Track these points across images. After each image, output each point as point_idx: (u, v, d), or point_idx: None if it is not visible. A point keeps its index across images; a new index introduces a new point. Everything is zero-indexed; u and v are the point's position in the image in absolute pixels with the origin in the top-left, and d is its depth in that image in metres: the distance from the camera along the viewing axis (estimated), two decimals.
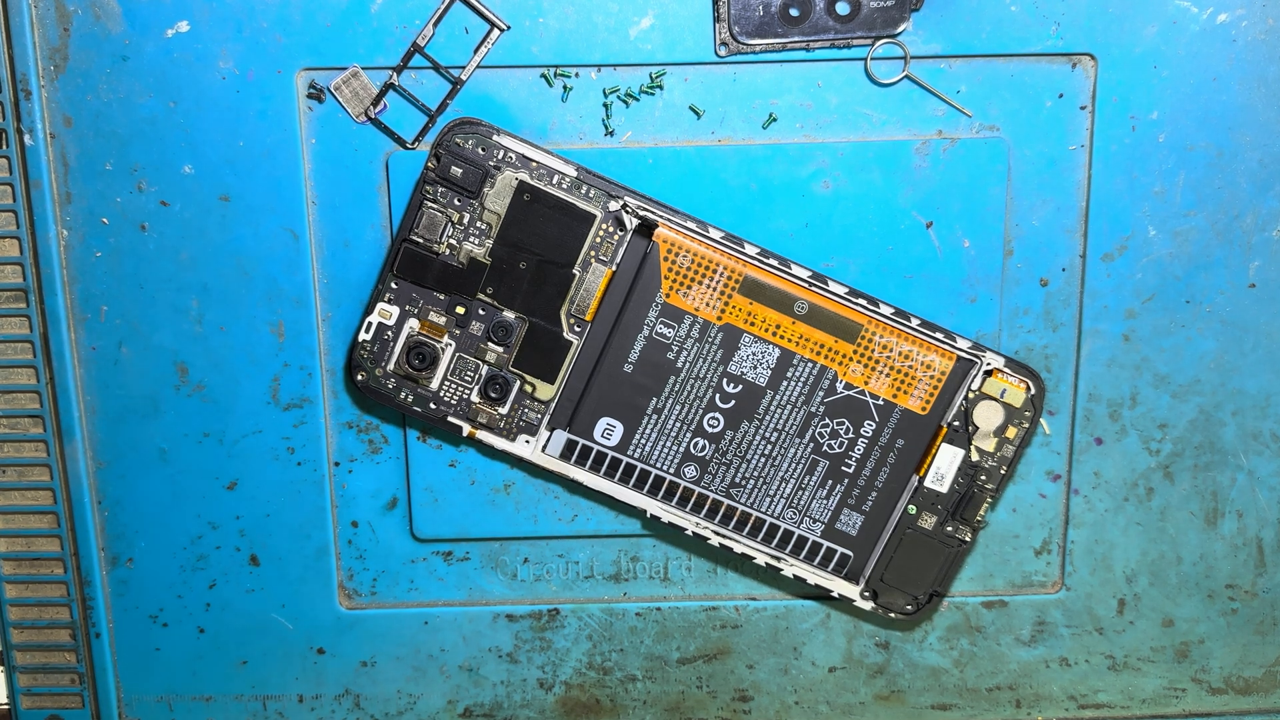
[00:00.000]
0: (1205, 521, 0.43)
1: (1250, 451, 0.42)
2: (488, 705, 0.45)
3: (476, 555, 0.43)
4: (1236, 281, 0.41)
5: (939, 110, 0.39)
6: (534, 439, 0.40)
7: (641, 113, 0.39)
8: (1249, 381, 0.41)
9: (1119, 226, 0.40)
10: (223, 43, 0.38)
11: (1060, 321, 0.41)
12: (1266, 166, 0.40)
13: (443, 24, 0.38)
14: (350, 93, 0.39)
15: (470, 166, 0.37)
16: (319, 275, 0.40)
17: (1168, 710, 0.45)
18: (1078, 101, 0.39)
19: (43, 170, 0.39)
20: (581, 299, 0.39)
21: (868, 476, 0.40)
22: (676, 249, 0.38)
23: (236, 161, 0.39)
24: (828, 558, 0.41)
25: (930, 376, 0.39)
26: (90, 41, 0.38)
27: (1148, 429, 0.42)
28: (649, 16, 0.38)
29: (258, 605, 0.43)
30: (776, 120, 0.39)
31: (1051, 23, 0.38)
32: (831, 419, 0.39)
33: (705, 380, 0.39)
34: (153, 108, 0.39)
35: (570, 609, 0.44)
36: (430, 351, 0.39)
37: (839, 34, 0.38)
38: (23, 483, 0.42)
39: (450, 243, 0.38)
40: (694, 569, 0.44)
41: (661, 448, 0.40)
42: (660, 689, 0.45)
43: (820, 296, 0.38)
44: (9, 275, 0.40)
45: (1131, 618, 0.44)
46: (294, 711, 0.45)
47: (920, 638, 0.44)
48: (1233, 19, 0.38)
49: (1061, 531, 0.43)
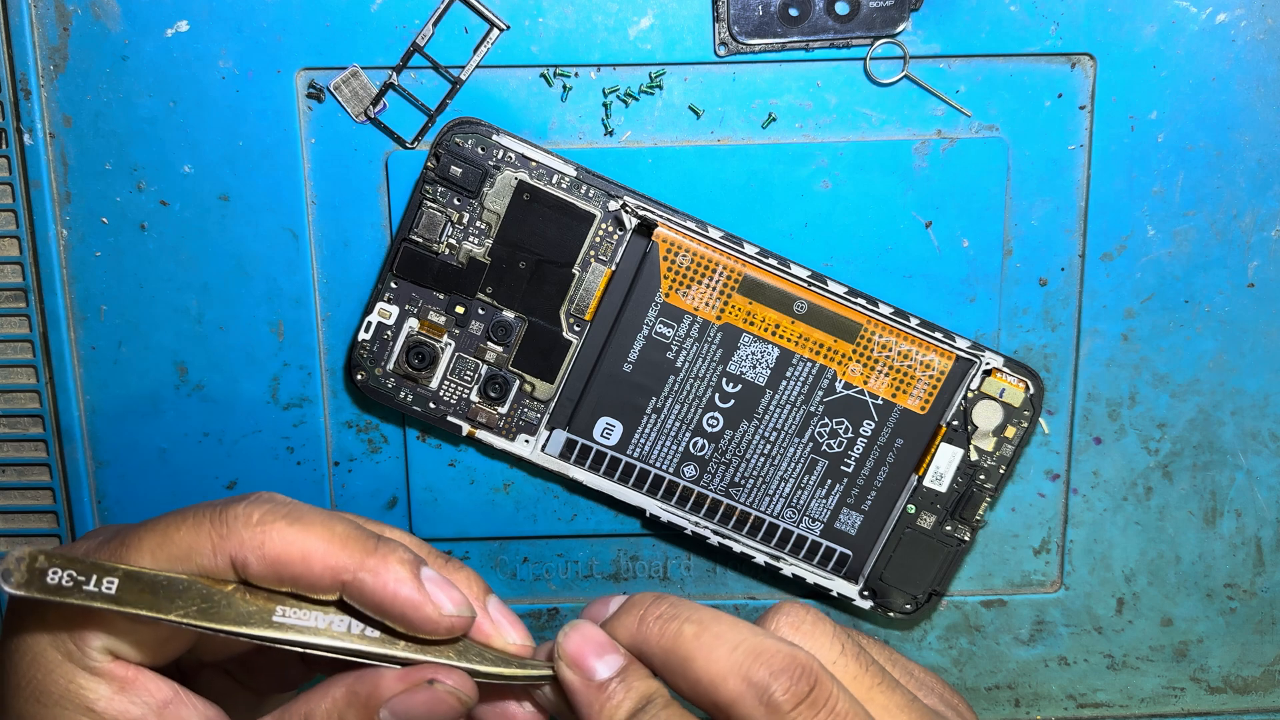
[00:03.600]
0: (1204, 521, 0.43)
1: (1249, 451, 0.42)
2: None
3: (476, 555, 0.43)
4: (1235, 281, 0.41)
5: (938, 110, 0.39)
6: (533, 438, 0.40)
7: (641, 112, 0.39)
8: (1248, 381, 0.41)
9: (1118, 226, 0.40)
10: (222, 42, 0.38)
11: (1059, 321, 0.41)
12: (1265, 166, 0.40)
13: (442, 24, 0.38)
14: (350, 92, 0.39)
15: (470, 166, 0.37)
16: (319, 275, 0.40)
17: (1166, 709, 0.45)
18: (1077, 101, 0.39)
19: (42, 170, 0.39)
20: (581, 299, 0.39)
21: (867, 476, 0.40)
22: (676, 249, 0.38)
23: (236, 161, 0.39)
24: (827, 557, 0.41)
25: (929, 376, 0.39)
26: (90, 41, 0.38)
27: (1147, 428, 0.42)
28: (648, 16, 0.38)
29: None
30: (776, 120, 0.39)
31: (1051, 22, 0.38)
32: (831, 418, 0.39)
33: (704, 380, 0.39)
34: (152, 107, 0.39)
35: (570, 608, 0.44)
36: (430, 351, 0.39)
37: (838, 34, 0.38)
38: (23, 482, 0.42)
39: (450, 242, 0.38)
40: (693, 568, 0.44)
41: (661, 447, 0.40)
42: None
43: (819, 296, 0.38)
44: (9, 275, 0.40)
45: (1130, 617, 0.44)
46: None
47: (919, 637, 0.44)
48: (1232, 19, 0.38)
49: (1060, 531, 0.43)
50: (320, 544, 0.28)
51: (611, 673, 0.29)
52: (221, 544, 0.28)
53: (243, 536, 0.28)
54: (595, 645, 0.29)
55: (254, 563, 0.28)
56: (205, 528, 0.28)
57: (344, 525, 0.29)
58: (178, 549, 0.28)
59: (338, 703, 0.29)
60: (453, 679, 0.29)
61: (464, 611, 0.29)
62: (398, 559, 0.28)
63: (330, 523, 0.28)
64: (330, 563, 0.28)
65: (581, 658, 0.29)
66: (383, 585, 0.28)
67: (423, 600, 0.28)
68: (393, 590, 0.28)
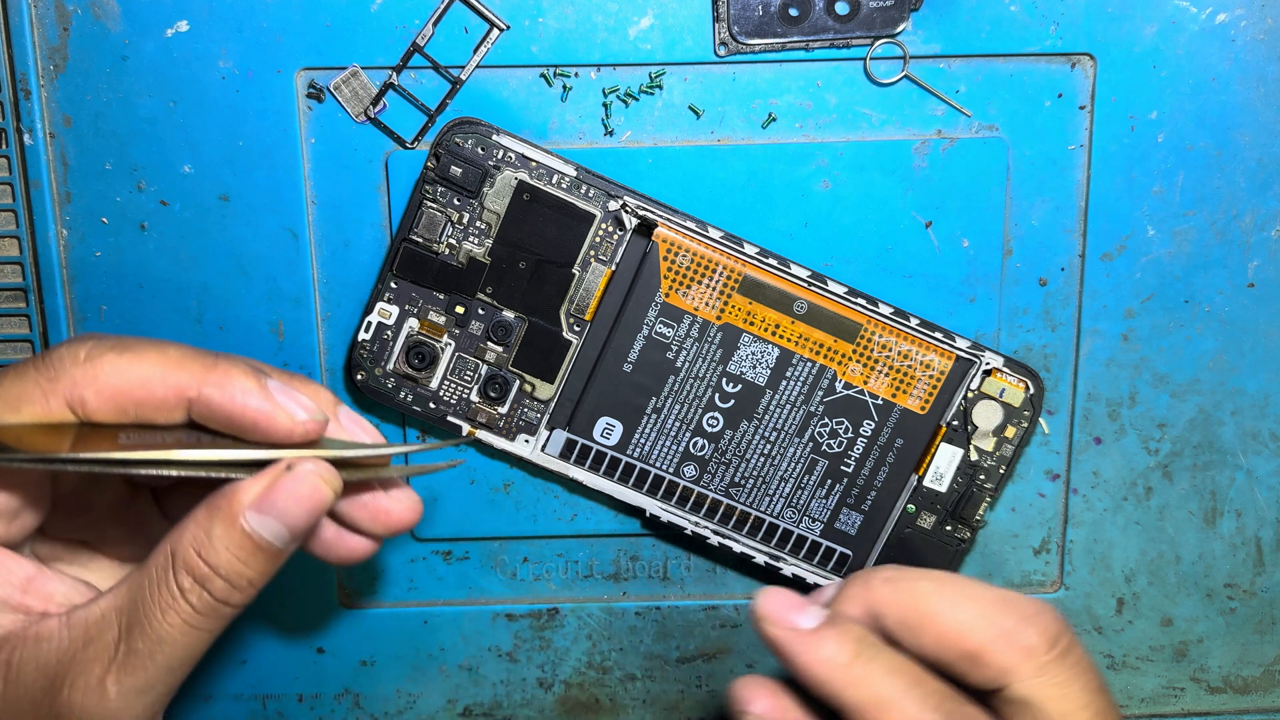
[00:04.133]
0: (1204, 521, 0.43)
1: (1249, 451, 0.42)
2: (487, 704, 0.45)
3: (476, 555, 0.43)
4: (1235, 281, 0.41)
5: (938, 110, 0.39)
6: (533, 438, 0.40)
7: (641, 112, 0.39)
8: (1248, 381, 0.41)
9: (1118, 226, 0.40)
10: (222, 42, 0.38)
11: (1059, 321, 0.41)
12: (1265, 166, 0.40)
13: (442, 24, 0.38)
14: (350, 92, 0.39)
15: (470, 166, 0.37)
16: (318, 275, 0.40)
17: (1166, 709, 0.45)
18: (1077, 101, 0.39)
19: (42, 170, 0.39)
20: (581, 299, 0.39)
21: (867, 476, 0.40)
22: (676, 249, 0.38)
23: (236, 161, 0.39)
24: (827, 557, 0.41)
25: (929, 376, 0.39)
26: (90, 41, 0.38)
27: (1147, 428, 0.42)
28: (648, 16, 0.38)
29: (257, 604, 0.43)
30: (776, 120, 0.39)
31: (1050, 22, 0.38)
32: (831, 418, 0.39)
33: (705, 380, 0.39)
34: (152, 107, 0.39)
35: (570, 608, 0.44)
36: (430, 351, 0.39)
37: (838, 34, 0.38)
38: None
39: (450, 242, 0.38)
40: (693, 568, 0.44)
41: (661, 447, 0.40)
42: (660, 688, 0.45)
43: (819, 296, 0.38)
44: (9, 275, 0.40)
45: (1130, 617, 0.44)
46: (293, 711, 0.45)
47: None
48: (1232, 19, 0.38)
49: (1060, 531, 0.43)
50: (157, 368, 0.27)
51: (818, 621, 0.28)
52: (52, 386, 0.26)
53: (74, 375, 0.27)
54: (791, 602, 0.29)
55: (91, 398, 0.27)
56: (30, 375, 0.27)
57: (176, 348, 0.28)
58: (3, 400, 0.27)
59: (200, 523, 0.27)
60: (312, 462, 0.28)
61: (316, 416, 0.28)
62: (240, 371, 0.28)
63: (162, 347, 0.28)
64: (171, 382, 0.27)
65: (782, 613, 0.29)
66: (229, 398, 0.27)
67: (273, 408, 0.27)
68: (241, 402, 0.27)
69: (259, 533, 0.27)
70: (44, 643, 0.27)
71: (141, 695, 0.27)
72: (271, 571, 0.28)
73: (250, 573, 0.28)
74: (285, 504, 0.27)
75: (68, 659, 0.27)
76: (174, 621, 0.27)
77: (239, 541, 0.27)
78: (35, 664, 0.27)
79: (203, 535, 0.27)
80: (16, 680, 0.27)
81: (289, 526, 0.27)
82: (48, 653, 0.27)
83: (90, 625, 0.27)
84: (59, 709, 0.27)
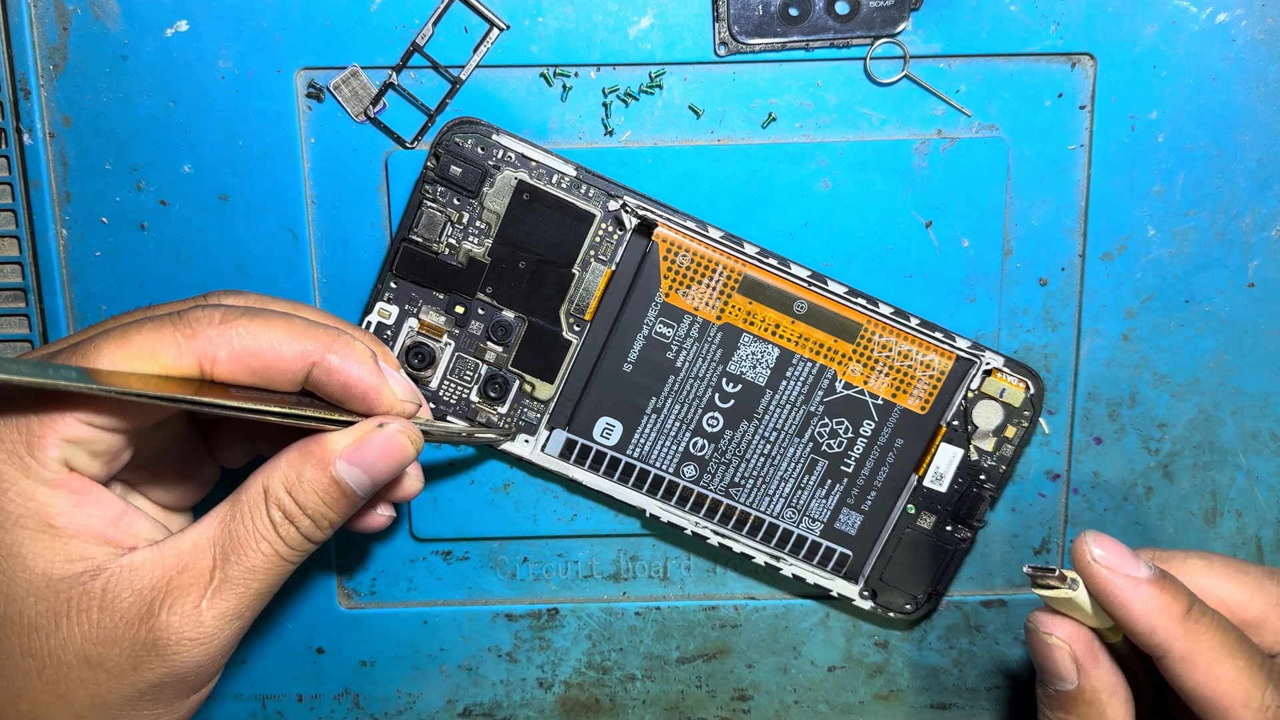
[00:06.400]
0: (1204, 521, 0.43)
1: (1249, 451, 0.42)
2: (487, 704, 0.45)
3: (476, 555, 0.43)
4: (1236, 281, 0.41)
5: (938, 110, 0.39)
6: (533, 438, 0.40)
7: (641, 112, 0.39)
8: (1248, 381, 0.41)
9: (1118, 226, 0.40)
10: (222, 42, 0.38)
11: (1059, 321, 0.41)
12: (1266, 166, 0.40)
13: (442, 23, 0.38)
14: (350, 92, 0.39)
15: (469, 166, 0.37)
16: (318, 275, 0.40)
17: None
18: (1077, 101, 0.39)
19: (42, 170, 0.39)
20: (581, 298, 0.39)
21: (867, 476, 0.40)
22: (676, 248, 0.38)
23: (236, 161, 0.39)
24: (827, 557, 0.41)
25: (929, 376, 0.39)
26: (89, 41, 0.38)
27: (1147, 428, 0.42)
28: (648, 16, 0.38)
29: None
30: (776, 120, 0.39)
31: (1051, 22, 0.38)
32: (831, 418, 0.39)
33: (704, 380, 0.39)
34: (152, 107, 0.39)
35: (570, 608, 0.44)
36: (429, 351, 0.39)
37: (838, 33, 0.38)
38: None
39: (449, 242, 0.38)
40: (693, 568, 0.44)
41: (661, 447, 0.40)
42: (660, 688, 0.45)
43: (819, 296, 0.38)
44: (9, 275, 0.40)
45: None
46: (293, 711, 0.45)
47: (919, 637, 0.44)
48: (1232, 19, 0.38)
49: (1060, 531, 0.43)
50: (285, 335, 0.30)
51: (1152, 573, 0.31)
52: (189, 345, 0.29)
53: (209, 335, 0.29)
54: (1125, 552, 0.31)
55: (225, 358, 0.29)
56: (167, 329, 0.29)
57: (302, 318, 0.31)
58: (138, 349, 0.28)
59: (293, 464, 0.30)
60: (400, 422, 0.31)
61: (414, 399, 0.32)
62: (359, 345, 0.31)
63: (289, 316, 0.30)
64: (298, 349, 0.30)
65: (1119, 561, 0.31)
66: (348, 368, 0.30)
67: (382, 384, 0.31)
68: (357, 373, 0.30)
69: (345, 480, 0.30)
70: (139, 571, 0.29)
71: (232, 621, 0.30)
72: (348, 515, 0.32)
73: (333, 514, 0.31)
74: (374, 457, 0.31)
75: (163, 585, 0.29)
76: (266, 551, 0.30)
77: (327, 486, 0.30)
78: (130, 590, 0.28)
79: (294, 475, 0.30)
80: (111, 606, 0.28)
81: (372, 477, 0.31)
82: (142, 579, 0.29)
83: (184, 554, 0.29)
84: (156, 631, 0.29)
